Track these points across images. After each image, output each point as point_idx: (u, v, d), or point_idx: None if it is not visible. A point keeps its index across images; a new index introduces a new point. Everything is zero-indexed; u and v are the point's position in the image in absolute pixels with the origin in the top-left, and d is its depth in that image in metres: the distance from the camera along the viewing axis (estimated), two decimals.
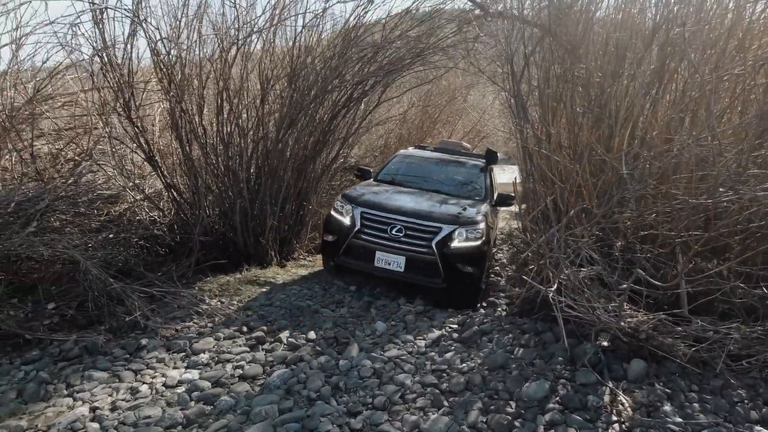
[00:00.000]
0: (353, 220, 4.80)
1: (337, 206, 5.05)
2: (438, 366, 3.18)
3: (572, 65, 4.54)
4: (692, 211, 2.98)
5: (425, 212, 4.82)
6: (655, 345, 3.01)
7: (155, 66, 4.58)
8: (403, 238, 4.65)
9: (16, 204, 3.27)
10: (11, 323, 3.45)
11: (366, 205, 4.89)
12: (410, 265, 4.60)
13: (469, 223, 4.75)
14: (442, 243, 4.58)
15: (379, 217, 4.76)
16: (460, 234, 4.63)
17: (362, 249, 4.74)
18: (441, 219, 4.72)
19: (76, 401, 2.78)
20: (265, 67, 5.36)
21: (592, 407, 2.55)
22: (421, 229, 4.67)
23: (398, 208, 4.83)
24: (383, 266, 4.63)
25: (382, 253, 4.64)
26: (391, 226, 4.69)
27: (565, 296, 3.22)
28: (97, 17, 3.97)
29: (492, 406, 2.62)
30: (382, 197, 5.11)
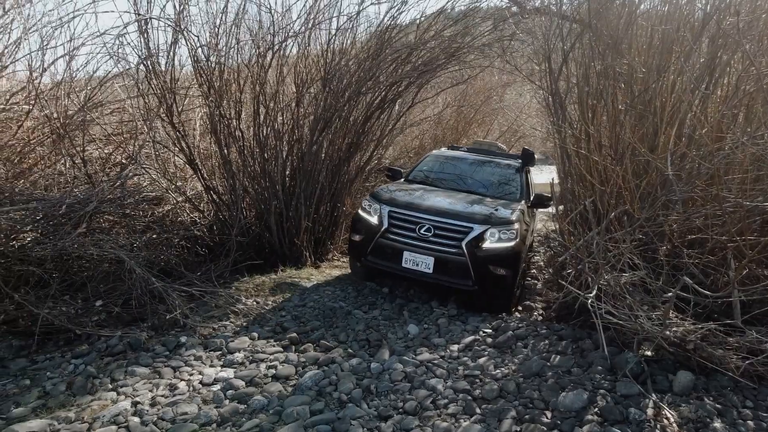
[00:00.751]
0: (381, 219, 4.67)
1: (365, 205, 4.94)
2: (471, 371, 3.12)
3: (614, 61, 4.36)
4: (747, 214, 2.78)
5: (455, 212, 4.64)
6: (704, 356, 2.84)
7: (196, 72, 4.73)
8: (432, 237, 4.49)
9: (67, 206, 3.45)
10: (63, 319, 3.64)
11: (394, 204, 4.75)
12: (439, 266, 4.43)
13: (503, 223, 4.54)
14: (473, 243, 4.40)
15: (407, 216, 4.62)
16: (492, 234, 4.44)
17: (390, 249, 4.60)
18: (472, 218, 4.53)
19: (120, 395, 2.90)
20: (300, 71, 5.44)
21: (633, 421, 2.43)
22: (451, 228, 4.49)
23: (427, 208, 4.68)
24: (411, 267, 4.48)
25: (410, 254, 4.49)
26: (419, 226, 4.53)
27: (605, 302, 3.09)
28: (142, 28, 4.15)
29: (526, 416, 2.55)
30: (412, 197, 4.95)
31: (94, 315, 3.92)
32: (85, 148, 4.50)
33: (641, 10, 4.71)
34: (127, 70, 4.56)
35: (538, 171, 12.04)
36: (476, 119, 11.30)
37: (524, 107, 11.86)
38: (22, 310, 3.67)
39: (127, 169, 4.42)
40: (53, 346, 3.66)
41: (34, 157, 4.76)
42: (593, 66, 4.61)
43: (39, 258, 3.95)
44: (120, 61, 4.33)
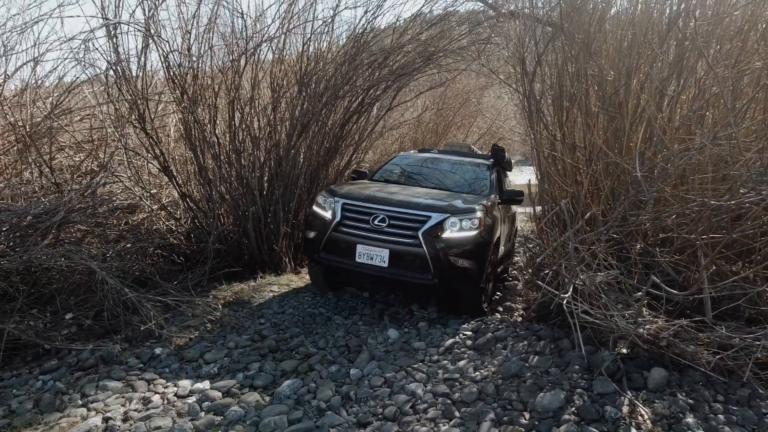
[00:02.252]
0: (334, 212, 4.40)
1: (319, 200, 4.68)
2: (450, 375, 3.12)
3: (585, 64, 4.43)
4: (712, 213, 2.85)
5: (412, 202, 4.41)
6: (676, 353, 2.89)
7: (168, 78, 4.64)
8: (387, 228, 4.21)
9: (33, 216, 3.33)
10: (31, 333, 3.52)
11: (348, 196, 4.49)
12: (395, 260, 4.16)
13: (464, 212, 4.28)
14: (431, 233, 4.13)
15: (360, 207, 4.36)
16: (452, 224, 4.18)
17: (343, 243, 4.32)
18: (430, 207, 4.29)
19: (90, 411, 2.81)
20: (276, 75, 5.39)
21: (609, 419, 2.46)
22: (407, 218, 4.24)
23: (383, 199, 4.43)
24: (366, 261, 4.20)
25: (364, 247, 4.21)
26: (373, 217, 4.26)
27: (581, 302, 3.13)
28: (111, 32, 4.05)
29: (505, 417, 2.55)
30: (369, 191, 4.71)
31: (63, 328, 3.80)
32: (54, 156, 4.37)
33: (611, 14, 4.82)
34: (96, 76, 4.44)
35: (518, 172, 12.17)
36: (455, 122, 11.40)
37: (502, 109, 12.00)
38: None
39: (98, 177, 4.30)
40: (20, 362, 3.53)
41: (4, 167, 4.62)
42: (566, 68, 4.68)
43: (4, 271, 3.82)
44: (88, 67, 4.22)
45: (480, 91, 11.15)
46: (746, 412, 2.46)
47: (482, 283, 4.43)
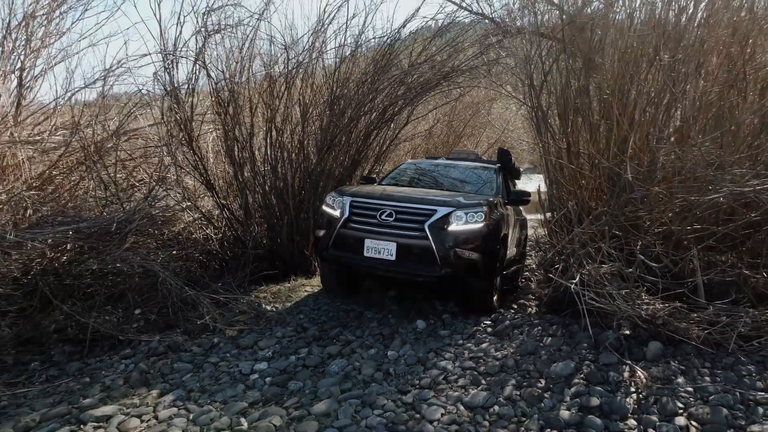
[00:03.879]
0: (342, 210, 4.52)
1: (328, 200, 4.81)
2: (475, 354, 3.60)
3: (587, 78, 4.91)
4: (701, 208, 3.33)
5: (419, 197, 4.58)
6: (671, 329, 3.36)
7: (214, 101, 5.24)
8: (394, 222, 4.32)
9: (117, 224, 3.89)
10: (109, 326, 4.07)
11: (356, 194, 4.65)
12: (402, 253, 4.24)
13: (469, 206, 4.40)
14: (438, 226, 4.23)
15: (368, 204, 4.49)
16: (458, 217, 4.29)
17: (351, 239, 4.44)
18: (436, 202, 4.42)
19: (171, 386, 3.33)
20: (306, 96, 5.98)
21: (612, 381, 2.93)
22: (413, 212, 4.35)
23: (390, 196, 4.63)
24: (373, 255, 4.29)
25: (372, 241, 4.30)
26: (380, 212, 4.37)
27: (587, 291, 3.60)
28: (169, 64, 4.66)
29: (524, 383, 3.03)
30: (377, 190, 4.91)
31: (133, 322, 4.35)
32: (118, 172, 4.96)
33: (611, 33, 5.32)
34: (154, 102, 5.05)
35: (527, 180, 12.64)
36: (465, 132, 11.93)
37: (511, 120, 12.51)
38: (70, 320, 4.09)
39: (154, 189, 4.88)
40: (100, 350, 4.06)
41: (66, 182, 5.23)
42: (570, 84, 5.18)
43: (78, 273, 4.40)
44: (148, 94, 4.82)
45: (489, 103, 11.67)
46: (728, 374, 2.92)
47: (491, 276, 4.55)
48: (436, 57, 6.19)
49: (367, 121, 6.64)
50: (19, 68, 5.43)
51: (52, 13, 5.56)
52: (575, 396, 2.82)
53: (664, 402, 2.64)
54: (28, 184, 4.75)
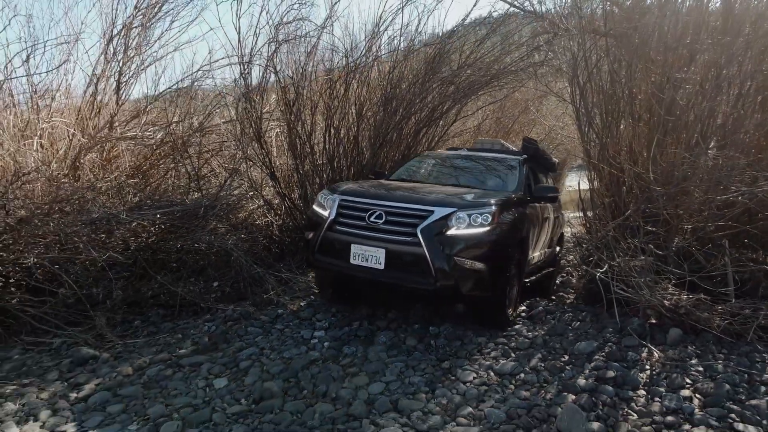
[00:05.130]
0: (330, 210, 4.03)
1: (319, 198, 4.33)
2: (508, 333, 4.02)
3: (635, 72, 5.01)
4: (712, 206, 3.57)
5: (415, 196, 4.02)
6: (693, 319, 3.62)
7: (282, 102, 5.90)
8: (383, 225, 3.77)
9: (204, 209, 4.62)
10: (192, 295, 4.82)
11: (347, 192, 4.14)
12: (392, 261, 3.69)
13: (475, 205, 3.80)
14: (433, 229, 3.63)
15: (357, 203, 3.97)
16: (459, 219, 3.69)
17: (338, 243, 3.95)
18: (434, 201, 3.84)
19: (247, 344, 3.99)
20: (362, 96, 6.53)
21: (630, 360, 3.27)
22: (405, 213, 3.79)
23: (383, 194, 4.06)
24: (360, 263, 3.78)
25: (359, 247, 3.79)
26: (369, 213, 3.85)
27: (616, 281, 3.91)
28: (244, 71, 5.35)
29: (549, 357, 3.43)
30: (374, 187, 4.38)
31: (212, 293, 5.10)
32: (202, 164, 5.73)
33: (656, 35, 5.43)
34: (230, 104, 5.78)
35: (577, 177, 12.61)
36: (514, 129, 12.08)
37: (560, 116, 12.51)
38: (163, 288, 4.87)
39: (229, 180, 5.61)
40: (186, 315, 4.82)
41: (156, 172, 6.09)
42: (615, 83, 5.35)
43: (167, 249, 5.19)
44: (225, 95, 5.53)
45: (538, 100, 11.77)
46: (742, 360, 3.18)
47: (502, 289, 3.93)
48: (484, 58, 6.53)
49: (417, 119, 7.10)
50: (118, 71, 6.34)
51: (146, 24, 6.41)
52: (594, 369, 3.19)
53: (673, 377, 2.96)
54: (127, 173, 5.62)
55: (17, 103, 5.70)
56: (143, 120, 6.19)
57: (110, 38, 6.18)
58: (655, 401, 2.79)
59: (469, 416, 2.71)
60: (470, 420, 2.68)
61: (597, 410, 2.71)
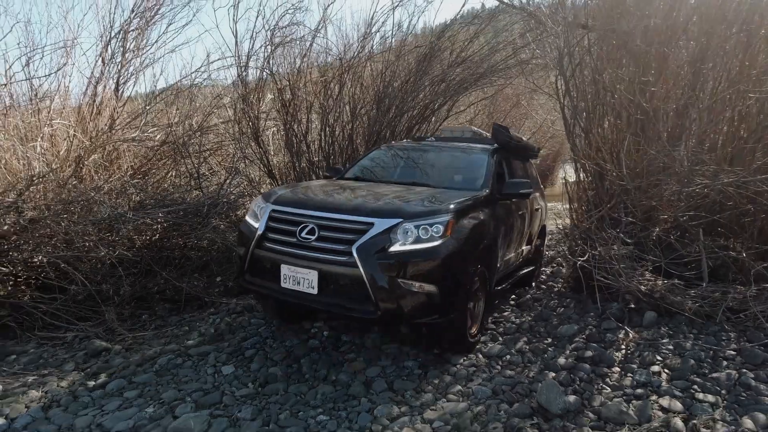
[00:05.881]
0: (260, 222, 3.48)
1: (253, 206, 3.77)
2: (496, 319, 4.27)
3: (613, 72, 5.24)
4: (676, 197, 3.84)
5: (351, 205, 3.42)
6: (667, 302, 3.88)
7: (278, 102, 6.10)
8: (316, 242, 3.20)
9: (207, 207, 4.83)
10: (197, 290, 5.04)
11: (280, 200, 3.56)
12: (326, 284, 3.16)
13: (423, 214, 3.21)
14: (373, 246, 3.04)
15: (288, 215, 3.40)
16: (405, 232, 3.10)
17: (267, 263, 3.39)
18: (375, 211, 3.25)
19: (251, 334, 4.22)
20: (356, 95, 6.74)
21: (608, 341, 3.53)
22: (340, 227, 3.21)
23: (318, 203, 3.48)
24: (291, 287, 3.23)
25: (289, 268, 3.23)
26: (301, 227, 3.27)
27: (596, 268, 4.17)
28: (242, 72, 5.55)
29: (534, 340, 3.69)
30: (313, 193, 3.84)
31: (215, 288, 5.32)
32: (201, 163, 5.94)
33: None
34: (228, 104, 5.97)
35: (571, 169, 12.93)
36: (506, 123, 12.33)
37: (552, 110, 12.77)
38: (168, 284, 5.08)
39: (230, 178, 5.82)
40: (191, 309, 5.04)
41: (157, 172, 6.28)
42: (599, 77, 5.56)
43: (170, 246, 5.40)
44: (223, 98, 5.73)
45: (530, 94, 12.01)
46: (709, 339, 3.45)
47: (456, 310, 3.29)
48: (473, 57, 6.75)
49: (409, 116, 7.32)
50: (116, 74, 6.51)
51: (143, 28, 6.58)
52: (574, 350, 3.45)
53: (645, 355, 3.23)
54: (130, 174, 5.81)
55: (18, 106, 5.88)
56: (143, 121, 6.38)
57: (108, 41, 6.35)
58: (628, 376, 3.05)
59: (458, 393, 2.96)
60: (459, 396, 2.93)
61: (574, 385, 2.97)
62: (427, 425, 2.61)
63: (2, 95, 5.28)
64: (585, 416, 2.63)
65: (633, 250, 4.32)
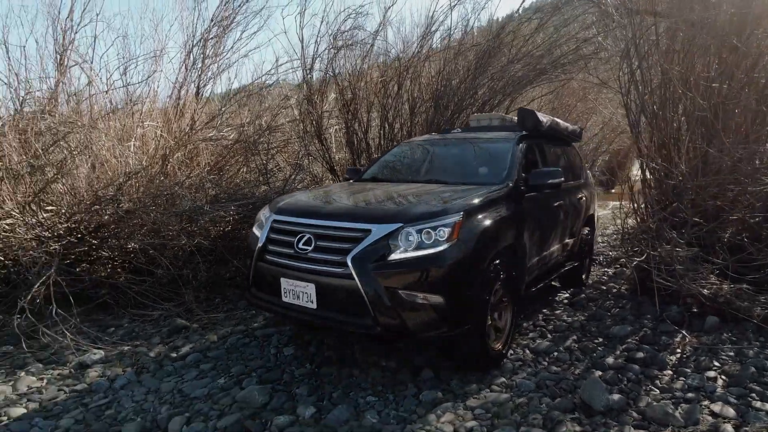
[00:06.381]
0: (262, 233, 3.36)
1: (259, 215, 3.64)
2: (547, 317, 4.29)
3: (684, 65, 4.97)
4: None
5: (348, 210, 3.23)
6: (733, 308, 3.70)
7: (340, 102, 6.42)
8: (312, 253, 3.01)
9: None
10: None
11: (283, 209, 3.40)
12: (324, 298, 2.96)
13: (427, 215, 2.92)
14: (370, 255, 2.81)
15: (288, 224, 3.25)
16: (406, 237, 2.84)
17: (269, 276, 3.24)
18: (372, 216, 3.01)
19: None
20: (415, 93, 6.91)
21: (663, 344, 3.45)
22: (334, 235, 3.01)
23: (317, 209, 3.25)
24: (291, 301, 3.08)
25: (288, 281, 3.08)
26: (298, 237, 3.11)
27: (657, 270, 4.05)
28: (307, 75, 5.92)
29: (584, 339, 3.68)
30: (316, 198, 3.62)
31: None
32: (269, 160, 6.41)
33: None
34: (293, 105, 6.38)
35: None
36: (572, 118, 11.90)
37: (621, 104, 12.16)
38: (238, 271, 5.57)
39: (293, 174, 6.23)
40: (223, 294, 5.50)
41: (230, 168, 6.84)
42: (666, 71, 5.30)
43: (241, 237, 5.88)
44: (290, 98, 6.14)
45: (598, 87, 11.50)
46: None
47: (471, 322, 2.94)
48: (534, 53, 6.66)
49: (468, 114, 7.36)
50: (197, 78, 7.13)
51: (220, 36, 7.15)
52: (624, 351, 3.42)
53: (701, 360, 3.13)
54: (206, 170, 6.39)
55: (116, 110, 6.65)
56: (219, 121, 6.96)
57: (190, 49, 6.98)
58: (680, 380, 2.99)
59: (502, 385, 3.06)
60: (502, 388, 3.03)
61: (620, 385, 2.97)
62: (469, 412, 2.75)
63: (105, 101, 6.01)
64: (628, 415, 2.64)
65: (699, 251, 4.15)
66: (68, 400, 3.07)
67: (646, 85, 5.56)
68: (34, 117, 4.83)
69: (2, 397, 3.11)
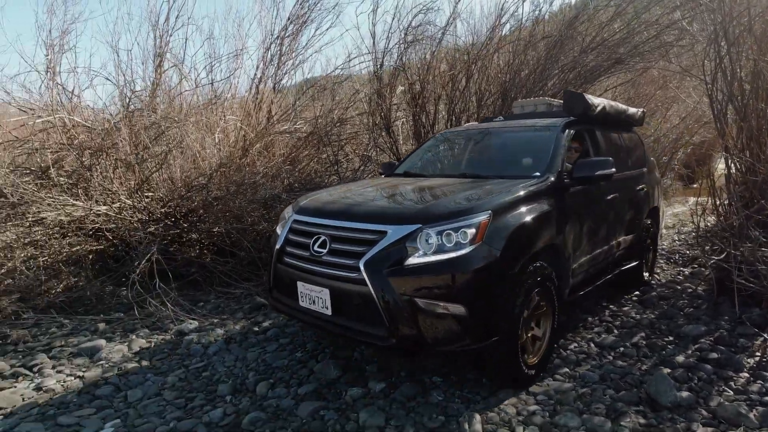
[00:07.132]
0: (281, 234, 3.23)
1: (283, 215, 3.49)
2: (614, 313, 4.24)
3: None
4: None
5: (365, 209, 2.93)
6: None
7: (408, 95, 6.59)
8: (327, 256, 2.83)
9: None
10: None
11: (303, 208, 3.23)
12: (339, 304, 2.79)
13: (449, 215, 2.65)
14: (385, 259, 2.58)
15: (305, 225, 3.09)
16: (424, 239, 2.59)
17: (287, 279, 3.11)
18: (389, 216, 2.76)
19: None
20: (482, 86, 6.92)
21: (740, 346, 3.33)
22: (348, 237, 2.80)
23: (333, 209, 3.06)
24: (308, 306, 2.93)
25: (304, 285, 2.93)
26: (314, 239, 2.93)
27: (738, 269, 3.87)
28: (378, 70, 6.13)
29: (652, 336, 3.63)
30: (338, 196, 3.39)
31: None
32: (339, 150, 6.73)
33: None
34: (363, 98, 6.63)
35: None
36: (650, 108, 11.24)
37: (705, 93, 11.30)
38: None
39: (362, 165, 6.50)
40: None
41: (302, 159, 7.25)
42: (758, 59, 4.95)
43: None
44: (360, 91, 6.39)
45: (680, 76, 10.77)
46: None
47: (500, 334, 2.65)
48: (608, 42, 6.43)
49: None
50: (274, 74, 7.59)
51: (296, 33, 7.55)
52: (697, 350, 3.34)
53: None
54: (282, 160, 6.84)
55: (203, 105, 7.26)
56: (293, 114, 7.39)
57: (268, 46, 7.44)
58: (757, 383, 2.90)
59: (565, 375, 3.13)
60: (565, 378, 3.10)
61: (690, 383, 2.93)
62: (531, 397, 2.86)
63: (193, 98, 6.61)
64: (697, 413, 2.63)
65: None
66: (172, 361, 3.54)
67: (735, 74, 5.23)
68: (140, 114, 5.44)
69: (121, 354, 3.64)
